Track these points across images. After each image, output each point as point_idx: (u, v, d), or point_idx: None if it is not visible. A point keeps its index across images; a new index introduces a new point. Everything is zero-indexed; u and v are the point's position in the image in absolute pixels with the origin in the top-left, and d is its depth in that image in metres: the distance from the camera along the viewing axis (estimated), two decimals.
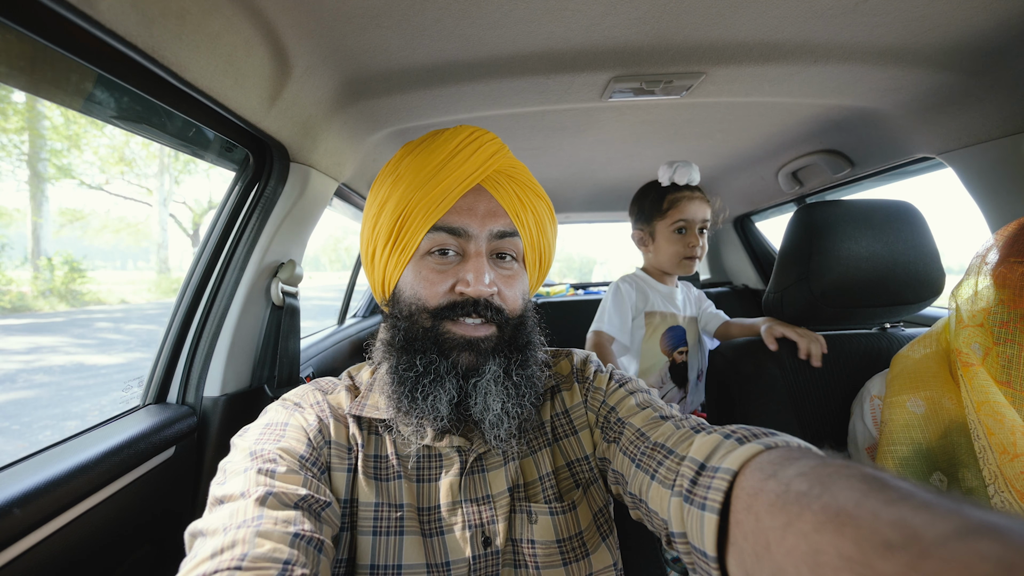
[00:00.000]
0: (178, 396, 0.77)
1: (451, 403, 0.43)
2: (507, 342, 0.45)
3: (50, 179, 6.05)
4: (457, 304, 0.43)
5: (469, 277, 0.43)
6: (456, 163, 0.44)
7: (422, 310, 0.44)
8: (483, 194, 0.45)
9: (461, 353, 0.44)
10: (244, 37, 0.54)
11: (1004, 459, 0.46)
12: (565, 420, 0.51)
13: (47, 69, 0.50)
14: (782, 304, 0.82)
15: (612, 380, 0.52)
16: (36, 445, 0.56)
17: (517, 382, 0.45)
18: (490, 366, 0.44)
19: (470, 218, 0.44)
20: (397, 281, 0.46)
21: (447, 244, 0.44)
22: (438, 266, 0.45)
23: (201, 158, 0.77)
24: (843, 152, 1.13)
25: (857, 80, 0.79)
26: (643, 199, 1.06)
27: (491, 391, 0.43)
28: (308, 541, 0.34)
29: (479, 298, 0.43)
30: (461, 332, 0.44)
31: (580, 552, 0.45)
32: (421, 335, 0.44)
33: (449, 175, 0.44)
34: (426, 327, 0.44)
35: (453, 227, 0.44)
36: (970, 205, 0.88)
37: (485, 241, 0.45)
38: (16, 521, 0.45)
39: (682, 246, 0.99)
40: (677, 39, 0.66)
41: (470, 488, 0.45)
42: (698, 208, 0.99)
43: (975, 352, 0.53)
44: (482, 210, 0.45)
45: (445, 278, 0.44)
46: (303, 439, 0.43)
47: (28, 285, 5.93)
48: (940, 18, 0.61)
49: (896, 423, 0.57)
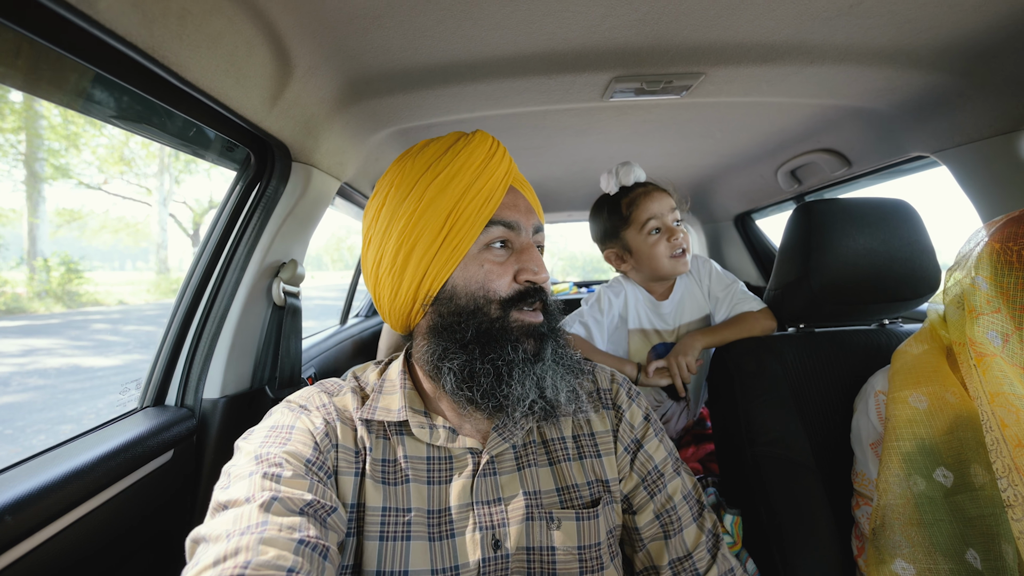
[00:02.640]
0: (177, 398, 0.76)
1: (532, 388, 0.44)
2: (552, 326, 0.49)
3: (47, 179, 6.01)
4: (523, 293, 0.47)
5: (534, 267, 0.47)
6: (495, 164, 0.48)
7: (491, 301, 0.46)
8: (516, 193, 0.50)
9: (528, 340, 0.46)
10: (246, 37, 0.54)
11: (1019, 452, 0.46)
12: (590, 442, 0.52)
13: (47, 69, 0.50)
14: (783, 301, 0.83)
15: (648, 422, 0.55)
16: (29, 450, 0.55)
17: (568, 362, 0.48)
18: (548, 350, 0.46)
19: (517, 213, 0.48)
20: (445, 280, 0.47)
21: (503, 237, 0.48)
22: (498, 258, 0.47)
23: (202, 158, 0.77)
24: (840, 151, 1.14)
25: (852, 80, 0.80)
26: (599, 216, 0.96)
27: (556, 372, 0.46)
28: (313, 548, 0.34)
29: (540, 284, 0.47)
30: (526, 320, 0.47)
31: (596, 564, 0.45)
32: (491, 326, 0.45)
33: (492, 174, 0.47)
34: (494, 317, 0.46)
35: (507, 221, 0.47)
36: (963, 202, 0.89)
37: (531, 234, 0.50)
38: (7, 529, 0.44)
39: (664, 245, 0.89)
40: (677, 40, 0.67)
41: (482, 490, 0.45)
42: (660, 200, 0.89)
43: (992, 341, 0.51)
44: (523, 206, 0.49)
45: (507, 269, 0.47)
46: (309, 442, 0.42)
47: (24, 286, 5.88)
48: (931, 20, 0.62)
49: (900, 419, 0.57)
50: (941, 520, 0.53)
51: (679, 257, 0.90)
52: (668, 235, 0.89)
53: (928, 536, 0.53)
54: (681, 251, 0.90)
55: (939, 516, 0.53)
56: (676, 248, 0.89)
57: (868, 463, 0.64)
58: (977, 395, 0.51)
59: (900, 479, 0.55)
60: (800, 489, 0.67)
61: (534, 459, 0.48)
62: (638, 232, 0.90)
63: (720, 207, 1.88)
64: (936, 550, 0.52)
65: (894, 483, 0.56)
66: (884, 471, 0.57)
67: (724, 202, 1.82)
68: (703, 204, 1.93)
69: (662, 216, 0.89)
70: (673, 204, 0.91)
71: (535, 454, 0.49)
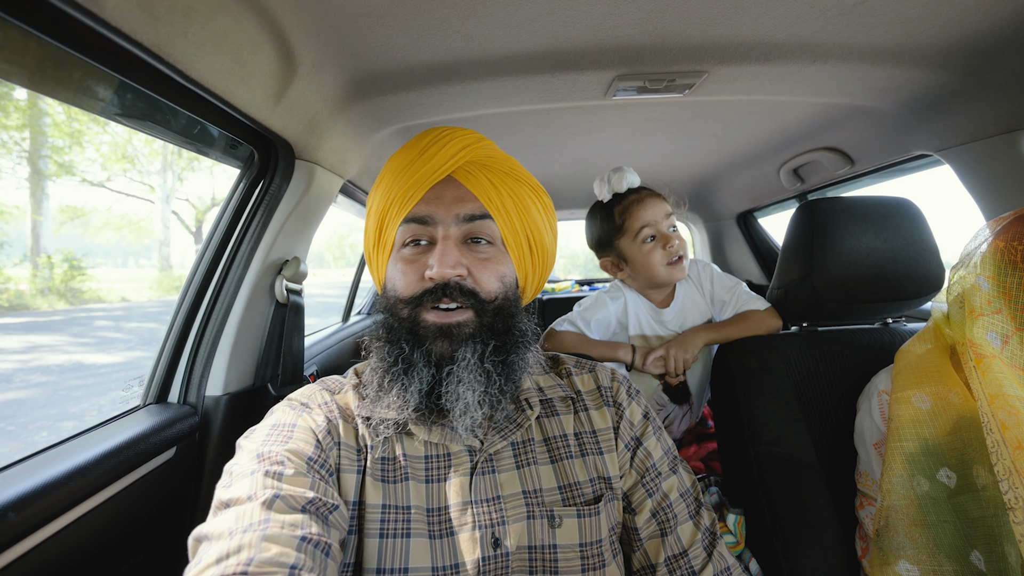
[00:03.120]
0: (179, 395, 0.77)
1: (421, 392, 0.43)
2: (486, 328, 0.45)
3: (51, 176, 6.03)
4: (429, 291, 0.44)
5: (432, 261, 0.44)
6: (425, 159, 0.46)
7: (399, 300, 0.46)
8: (452, 183, 0.47)
9: (436, 341, 0.44)
10: (250, 35, 0.54)
11: (1019, 454, 0.45)
12: (591, 440, 0.51)
13: (52, 66, 0.50)
14: (785, 300, 0.83)
15: (648, 420, 0.54)
16: (32, 447, 0.56)
17: (490, 370, 0.44)
18: (463, 353, 0.44)
19: (437, 206, 0.46)
20: (385, 278, 0.49)
21: (417, 234, 0.46)
22: (411, 256, 0.46)
23: (206, 155, 0.77)
24: (843, 149, 1.14)
25: (856, 79, 0.79)
26: (592, 224, 0.94)
27: (463, 379, 0.43)
28: (315, 545, 0.34)
29: (446, 281, 0.44)
30: (435, 319, 0.44)
31: (598, 561, 0.45)
32: (398, 325, 0.45)
33: (419, 170, 0.46)
34: (403, 317, 0.45)
35: (420, 216, 0.46)
36: (967, 201, 0.89)
37: (452, 225, 0.46)
38: (11, 526, 0.44)
39: (659, 253, 0.86)
40: (680, 39, 0.67)
41: (480, 488, 0.45)
42: (655, 206, 0.86)
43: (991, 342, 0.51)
44: (450, 197, 0.46)
45: (416, 267, 0.45)
46: (311, 440, 0.42)
47: (27, 283, 5.91)
48: (935, 19, 0.62)
49: (903, 419, 0.57)
50: (945, 521, 0.52)
51: (675, 264, 0.87)
52: (663, 242, 0.86)
53: (932, 537, 0.52)
54: (677, 258, 0.87)
55: (943, 517, 0.53)
56: (672, 256, 0.86)
57: (872, 463, 0.64)
58: (978, 396, 0.51)
59: (904, 480, 0.55)
60: (803, 489, 0.67)
61: (534, 457, 0.48)
62: (632, 240, 0.87)
63: (722, 206, 1.87)
64: (940, 551, 0.52)
65: (897, 484, 0.55)
66: (887, 472, 0.57)
67: (726, 201, 1.82)
68: (705, 203, 1.92)
69: (656, 223, 0.86)
70: (668, 210, 0.88)
71: (535, 452, 0.48)
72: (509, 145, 1.17)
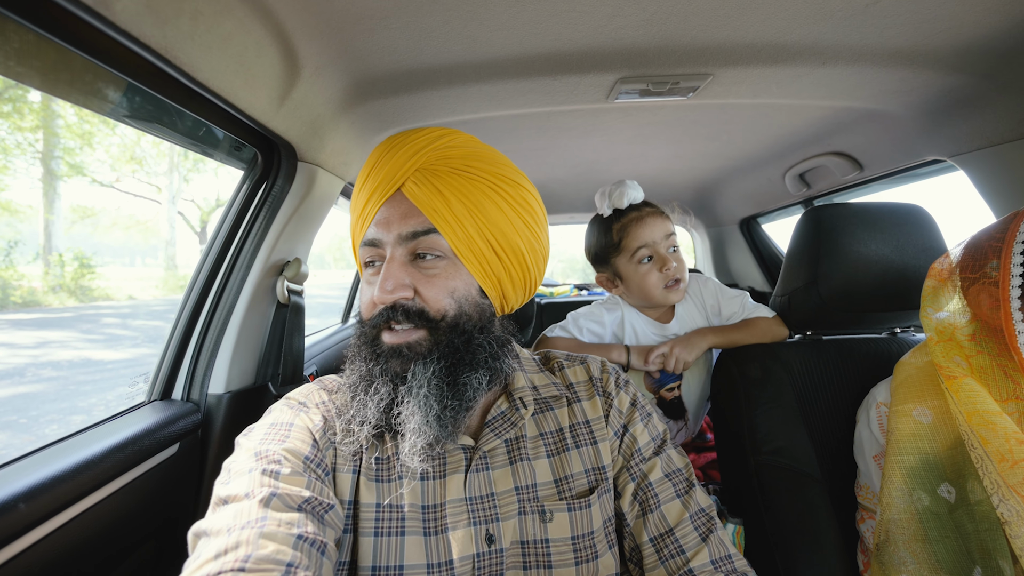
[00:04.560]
0: (183, 393, 0.77)
1: (379, 408, 0.43)
2: (442, 345, 0.44)
3: (63, 176, 6.15)
4: (380, 313, 0.44)
5: (377, 284, 0.44)
6: (376, 173, 0.45)
7: (363, 322, 0.47)
8: (399, 199, 0.45)
9: (391, 360, 0.44)
10: (255, 38, 0.54)
11: (1004, 467, 0.46)
12: (585, 430, 0.52)
13: (63, 69, 0.51)
14: (790, 307, 0.81)
15: (635, 407, 0.54)
16: (42, 439, 0.57)
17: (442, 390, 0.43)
18: (415, 371, 0.43)
19: (384, 227, 0.45)
20: None
21: (372, 256, 0.47)
22: (369, 278, 0.47)
23: (210, 156, 0.78)
24: (852, 154, 1.12)
25: (867, 82, 0.78)
26: (590, 238, 0.91)
27: (415, 398, 0.42)
28: (311, 543, 0.34)
29: (388, 304, 0.43)
30: (389, 340, 0.45)
31: (591, 553, 0.45)
32: (362, 344, 0.47)
33: (372, 187, 0.45)
34: (369, 337, 0.46)
35: (370, 240, 0.46)
36: (981, 208, 0.87)
37: (395, 246, 0.44)
38: (21, 516, 0.45)
39: (655, 276, 0.83)
40: (684, 40, 0.66)
41: (475, 485, 0.45)
42: (654, 226, 0.83)
43: (960, 364, 0.52)
44: (396, 215, 0.44)
45: (372, 289, 0.46)
46: (308, 440, 0.43)
47: (39, 280, 6.03)
48: (952, 20, 0.60)
49: (903, 432, 0.56)
50: (946, 537, 0.51)
51: (672, 288, 0.84)
52: (660, 265, 0.83)
53: (933, 553, 0.52)
54: (674, 281, 0.84)
55: (944, 533, 0.52)
56: (668, 279, 0.83)
57: (871, 476, 0.62)
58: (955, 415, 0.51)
59: (904, 494, 0.54)
60: (804, 500, 0.65)
61: (527, 452, 0.48)
62: (628, 260, 0.84)
63: (726, 211, 1.86)
64: (941, 568, 0.51)
65: (898, 498, 0.55)
66: (887, 485, 0.56)
67: (730, 206, 1.80)
68: (708, 208, 1.91)
69: (654, 244, 0.83)
70: (669, 229, 0.85)
71: (528, 448, 0.49)
72: (510, 148, 1.17)
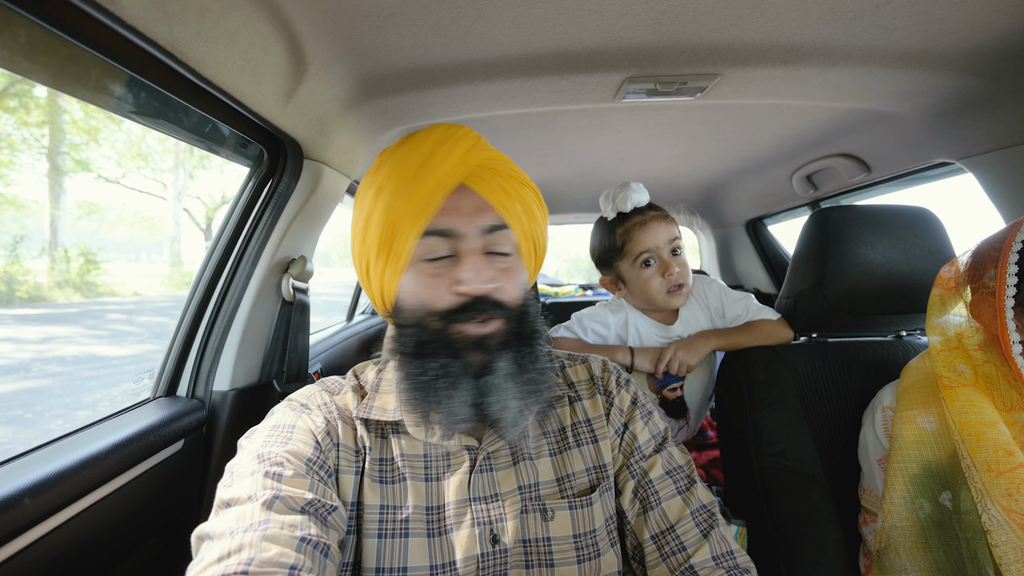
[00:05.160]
0: (188, 389, 0.78)
1: (467, 404, 0.43)
2: (515, 335, 0.45)
3: (68, 172, 6.19)
4: (465, 305, 0.43)
5: (466, 276, 0.43)
6: (434, 164, 0.44)
7: (430, 314, 0.44)
8: (467, 191, 0.45)
9: (473, 353, 0.43)
10: (262, 34, 0.54)
11: (989, 477, 0.47)
12: (587, 429, 0.52)
13: (69, 64, 0.51)
14: (795, 309, 0.81)
15: (636, 406, 0.54)
16: (48, 434, 0.57)
17: (529, 377, 0.44)
18: (500, 363, 0.43)
19: (457, 217, 0.44)
20: (396, 291, 0.46)
21: (439, 248, 0.44)
22: (434, 270, 0.45)
23: (216, 153, 0.78)
24: (860, 156, 1.11)
25: (876, 83, 0.77)
26: (595, 240, 0.91)
27: (507, 388, 0.43)
28: (315, 546, 0.34)
29: (480, 295, 0.43)
30: (471, 331, 0.43)
31: (593, 551, 0.45)
32: (432, 339, 0.44)
33: (429, 177, 0.43)
34: (436, 329, 0.44)
35: (442, 229, 0.44)
36: (990, 211, 0.86)
37: (477, 238, 0.44)
38: (26, 511, 0.45)
39: (658, 281, 0.83)
40: (693, 40, 0.65)
41: (479, 486, 0.45)
42: (658, 230, 0.82)
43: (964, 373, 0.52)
44: (469, 207, 0.44)
45: (443, 280, 0.44)
46: (311, 442, 0.42)
47: (45, 276, 6.08)
48: (963, 21, 0.60)
49: (906, 439, 0.56)
50: (947, 545, 0.51)
51: (675, 292, 0.83)
52: (663, 270, 0.82)
53: (933, 561, 0.52)
54: (677, 286, 0.83)
55: (945, 541, 0.52)
56: (671, 284, 0.83)
57: (875, 479, 0.62)
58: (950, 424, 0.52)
59: (906, 501, 0.54)
60: (808, 502, 0.65)
61: (531, 452, 0.48)
62: (631, 264, 0.85)
63: (732, 212, 1.85)
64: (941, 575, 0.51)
65: (900, 505, 0.54)
66: (889, 492, 0.55)
67: (736, 207, 1.79)
68: (714, 208, 1.90)
69: (658, 249, 0.82)
70: (674, 234, 0.84)
71: (532, 446, 0.49)
72: (516, 147, 1.17)
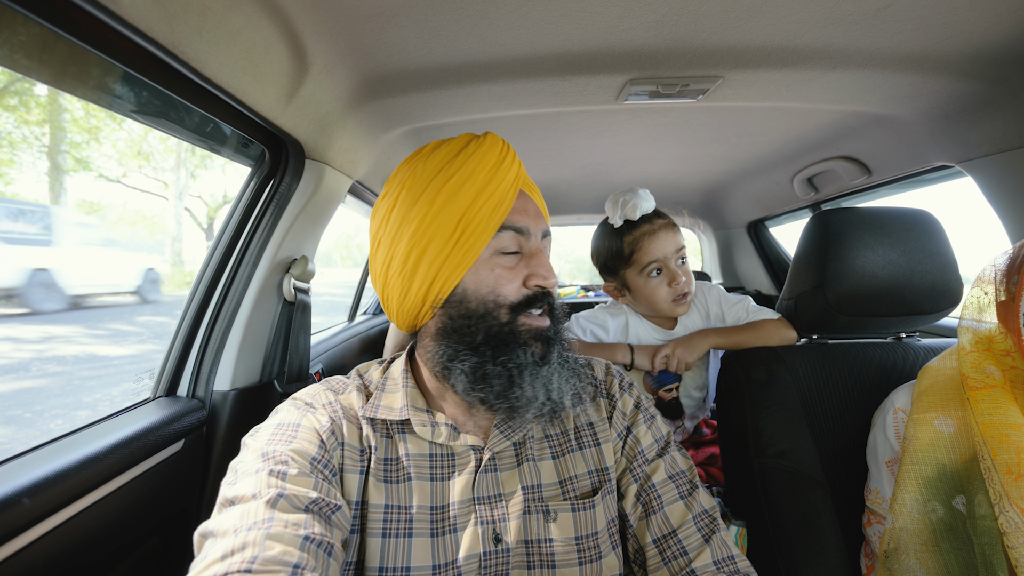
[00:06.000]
0: (188, 389, 0.78)
1: (541, 391, 0.45)
2: (557, 331, 0.49)
3: (69, 171, 6.18)
4: (532, 298, 0.47)
5: (544, 272, 0.47)
6: (505, 168, 0.48)
7: (501, 306, 0.46)
8: (526, 197, 0.50)
9: (535, 344, 0.46)
10: (264, 34, 0.54)
11: (1008, 479, 0.47)
12: (589, 432, 0.53)
13: (70, 63, 0.51)
14: (796, 311, 0.81)
15: (639, 410, 0.55)
16: (47, 434, 0.57)
17: (573, 366, 0.49)
18: (554, 353, 0.47)
19: (527, 218, 0.49)
20: (456, 283, 0.46)
21: (511, 244, 0.48)
22: (509, 263, 0.48)
23: (218, 153, 0.78)
24: (860, 159, 1.12)
25: (876, 86, 0.77)
26: (600, 246, 0.91)
27: (562, 375, 0.47)
28: (318, 544, 0.34)
29: (548, 289, 0.48)
30: (534, 324, 0.47)
31: (594, 553, 0.46)
32: (501, 330, 0.46)
33: (503, 178, 0.47)
34: (504, 321, 0.46)
35: (518, 226, 0.48)
36: (989, 215, 0.86)
37: (539, 239, 0.50)
38: (25, 511, 0.45)
39: (665, 290, 0.84)
40: (695, 43, 0.66)
41: (484, 486, 0.46)
42: (666, 240, 0.83)
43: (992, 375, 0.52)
44: (532, 211, 0.50)
45: (517, 274, 0.47)
46: (315, 440, 0.43)
47: None
48: (963, 25, 0.60)
49: (921, 441, 0.55)
50: (959, 549, 0.51)
51: (679, 301, 0.85)
52: (669, 279, 0.84)
53: (944, 564, 0.51)
54: (682, 295, 0.84)
55: (957, 544, 0.51)
56: (677, 294, 0.84)
57: (883, 481, 0.62)
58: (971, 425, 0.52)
59: (918, 504, 0.54)
60: (808, 503, 0.65)
61: (534, 453, 0.49)
62: (638, 273, 0.85)
63: (733, 214, 1.85)
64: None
65: (912, 507, 0.54)
66: (901, 493, 0.55)
67: (737, 209, 1.79)
68: (715, 210, 1.90)
69: (665, 259, 0.83)
70: (680, 242, 0.85)
71: (535, 448, 0.49)
72: (518, 148, 1.16)
